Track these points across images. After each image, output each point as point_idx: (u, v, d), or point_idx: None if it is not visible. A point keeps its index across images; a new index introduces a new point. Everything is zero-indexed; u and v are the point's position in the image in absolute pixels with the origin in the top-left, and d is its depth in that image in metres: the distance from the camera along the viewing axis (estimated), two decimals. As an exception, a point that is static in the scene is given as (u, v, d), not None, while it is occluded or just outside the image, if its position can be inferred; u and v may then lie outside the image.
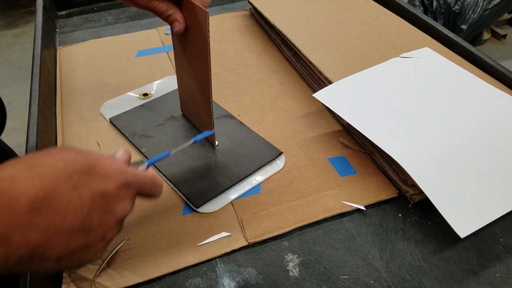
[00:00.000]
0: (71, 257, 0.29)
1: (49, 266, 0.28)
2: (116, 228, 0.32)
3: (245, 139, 0.57)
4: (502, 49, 2.25)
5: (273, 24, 0.74)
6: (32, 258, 0.26)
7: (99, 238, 0.30)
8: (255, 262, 0.44)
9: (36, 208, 0.26)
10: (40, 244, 0.26)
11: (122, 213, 0.31)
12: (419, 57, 0.64)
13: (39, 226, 0.26)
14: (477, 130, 0.52)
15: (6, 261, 0.25)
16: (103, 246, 0.31)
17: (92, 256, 0.30)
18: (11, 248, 0.25)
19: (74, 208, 0.27)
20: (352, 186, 0.51)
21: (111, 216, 0.30)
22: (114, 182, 0.31)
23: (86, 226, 0.28)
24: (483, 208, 0.45)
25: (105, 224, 0.30)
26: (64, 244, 0.27)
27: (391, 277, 0.42)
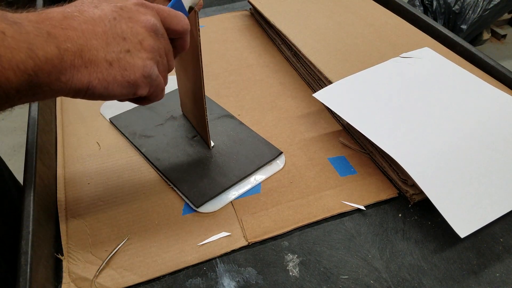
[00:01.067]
0: (119, 61, 0.32)
1: (105, 71, 0.32)
2: (152, 39, 0.34)
3: (245, 139, 0.57)
4: (502, 49, 2.25)
5: (273, 24, 0.74)
6: (82, 58, 0.30)
7: (136, 43, 0.33)
8: (255, 262, 0.44)
9: (68, 17, 0.30)
10: (82, 43, 0.30)
11: (147, 22, 0.34)
12: (419, 57, 0.64)
13: (76, 28, 0.30)
14: (477, 130, 0.52)
15: (61, 58, 0.29)
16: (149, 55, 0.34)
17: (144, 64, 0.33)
18: (58, 41, 0.29)
19: (100, 18, 0.32)
20: (352, 186, 0.51)
21: (137, 24, 0.33)
22: (131, 1, 0.35)
23: (117, 31, 0.32)
24: (483, 208, 0.45)
25: (134, 31, 0.33)
26: (103, 45, 0.31)
27: (391, 277, 0.42)
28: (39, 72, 0.28)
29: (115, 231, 0.47)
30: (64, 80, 0.30)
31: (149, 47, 0.34)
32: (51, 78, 0.29)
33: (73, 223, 0.48)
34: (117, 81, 0.33)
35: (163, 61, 0.36)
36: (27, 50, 0.27)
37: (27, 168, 0.48)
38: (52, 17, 0.30)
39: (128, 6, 0.34)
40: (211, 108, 0.62)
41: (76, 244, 0.45)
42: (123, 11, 0.33)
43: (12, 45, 0.26)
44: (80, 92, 0.32)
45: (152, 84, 0.36)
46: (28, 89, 0.29)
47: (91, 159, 0.55)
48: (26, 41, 0.27)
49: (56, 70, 0.29)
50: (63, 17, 0.30)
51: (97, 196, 0.50)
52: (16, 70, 0.27)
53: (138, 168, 0.54)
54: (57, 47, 0.29)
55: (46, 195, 0.49)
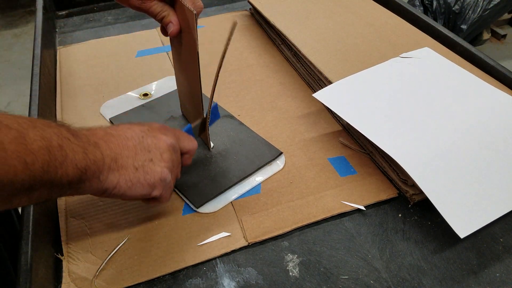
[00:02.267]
0: (144, 167, 0.41)
1: (132, 174, 0.40)
2: (169, 153, 0.43)
3: (245, 139, 0.57)
4: (502, 49, 2.25)
5: (273, 24, 0.74)
6: (116, 163, 0.39)
7: (157, 155, 0.42)
8: (255, 262, 0.44)
9: (109, 134, 0.40)
10: (117, 152, 0.39)
11: (168, 140, 0.43)
12: (419, 57, 0.64)
13: (114, 142, 0.40)
14: (477, 130, 0.52)
15: (103, 161, 0.38)
16: (166, 164, 0.42)
17: (162, 170, 0.42)
18: (102, 149, 0.38)
19: (131, 136, 0.41)
20: (352, 186, 0.51)
21: (159, 141, 0.43)
22: (155, 125, 0.45)
23: (144, 145, 0.41)
24: (483, 208, 0.45)
25: (157, 146, 0.42)
26: (132, 155, 0.40)
27: (391, 277, 0.42)
28: (87, 170, 0.36)
29: (115, 231, 0.47)
30: (101, 179, 0.38)
31: (167, 159, 0.43)
32: (94, 176, 0.37)
33: (73, 223, 0.48)
34: (140, 182, 0.41)
35: (175, 170, 0.45)
36: (83, 153, 0.36)
37: (27, 168, 0.48)
38: (97, 133, 0.40)
39: (154, 128, 0.44)
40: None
41: (76, 244, 0.45)
42: (149, 131, 0.43)
43: (74, 148, 0.35)
44: (108, 190, 0.39)
45: (165, 187, 0.43)
46: (77, 183, 0.36)
47: (91, 159, 0.55)
48: (82, 147, 0.36)
49: (98, 170, 0.37)
50: (105, 133, 0.40)
51: (97, 196, 0.50)
52: (74, 167, 0.35)
53: (138, 168, 0.54)
54: (101, 153, 0.38)
55: (46, 195, 0.49)
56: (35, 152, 0.31)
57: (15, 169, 0.30)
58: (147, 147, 0.42)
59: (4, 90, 2.04)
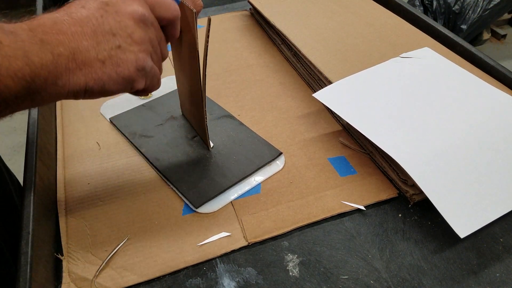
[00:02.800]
0: (112, 58, 0.32)
1: (99, 71, 0.32)
2: (141, 30, 0.34)
3: (245, 139, 0.57)
4: (502, 49, 2.25)
5: (273, 24, 0.74)
6: (75, 60, 0.31)
7: (126, 37, 0.33)
8: (255, 262, 0.44)
9: (58, 22, 0.31)
10: (73, 46, 0.31)
11: (135, 13, 0.34)
12: (419, 57, 0.64)
13: (66, 32, 0.31)
14: (477, 130, 0.52)
15: (56, 63, 0.30)
16: (140, 47, 0.34)
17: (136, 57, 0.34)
18: (51, 47, 0.30)
19: (87, 17, 0.32)
20: (352, 186, 0.51)
21: (124, 17, 0.33)
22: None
23: (105, 28, 0.32)
24: (483, 208, 0.45)
25: (123, 25, 0.33)
26: (94, 44, 0.32)
27: (391, 277, 0.42)
28: (36, 78, 0.29)
29: (115, 231, 0.47)
30: (60, 84, 0.31)
31: (140, 39, 0.34)
32: (47, 83, 0.30)
33: (73, 223, 0.48)
34: (113, 79, 0.33)
35: (156, 50, 0.36)
36: (24, 57, 0.28)
37: (27, 168, 0.48)
38: (43, 23, 0.31)
39: (114, 0, 0.34)
40: (211, 108, 0.63)
41: (76, 244, 0.45)
42: (109, 6, 0.33)
43: (9, 53, 0.28)
44: (79, 93, 0.33)
45: (147, 76, 0.36)
46: (27, 95, 0.29)
47: (91, 159, 0.55)
48: (22, 49, 0.28)
49: (52, 75, 0.30)
50: (53, 22, 0.31)
51: (97, 196, 0.50)
52: (14, 77, 0.28)
53: (138, 168, 0.54)
54: (51, 52, 0.30)
55: (46, 195, 0.49)
56: None
57: None
58: (109, 30, 0.33)
59: (4, 90, 2.04)
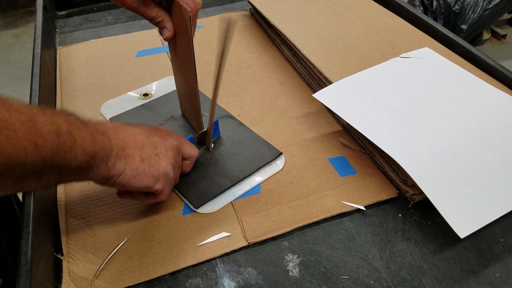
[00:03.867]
0: (150, 159, 0.42)
1: (138, 164, 0.41)
2: (173, 152, 0.45)
3: (245, 139, 0.57)
4: (502, 49, 2.25)
5: (273, 24, 0.74)
6: (124, 151, 0.41)
7: (163, 151, 0.44)
8: (255, 262, 0.44)
9: (117, 127, 0.42)
10: (126, 142, 0.41)
11: (173, 143, 0.46)
12: (419, 57, 0.64)
13: (122, 133, 0.42)
14: (477, 130, 0.52)
15: (111, 149, 0.39)
16: (171, 161, 0.45)
17: (166, 165, 0.44)
18: (110, 138, 0.40)
19: (140, 132, 0.44)
20: (352, 186, 0.51)
21: (165, 140, 0.45)
22: (162, 128, 0.48)
23: (151, 140, 0.44)
24: (483, 208, 0.44)
25: (163, 144, 0.45)
26: (139, 146, 0.42)
27: (391, 277, 0.42)
28: (96, 156, 0.37)
29: (115, 231, 0.47)
30: (109, 165, 0.39)
31: (172, 157, 0.45)
32: (102, 162, 0.38)
33: (73, 223, 0.48)
34: (145, 173, 0.42)
35: (176, 171, 0.46)
36: (91, 140, 0.37)
37: (27, 168, 0.48)
38: (106, 124, 0.41)
39: (161, 129, 0.47)
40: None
41: (76, 244, 0.45)
42: (156, 131, 0.46)
43: (83, 135, 0.36)
44: (114, 177, 0.40)
45: (166, 182, 0.45)
46: (85, 168, 0.37)
47: (91, 159, 0.55)
48: (91, 134, 0.37)
49: (106, 156, 0.39)
50: (113, 126, 0.42)
51: (97, 196, 0.50)
52: (83, 152, 0.36)
53: (138, 168, 0.54)
54: (109, 141, 0.40)
55: (46, 195, 0.49)
56: (44, 136, 0.32)
57: (26, 151, 0.30)
58: (153, 143, 0.44)
59: (4, 90, 2.04)
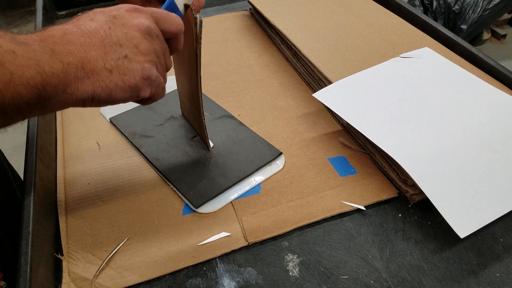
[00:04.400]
0: (119, 67, 0.34)
1: (107, 79, 0.34)
2: (147, 41, 0.36)
3: (245, 139, 0.57)
4: (502, 49, 2.25)
5: (273, 24, 0.74)
6: (84, 69, 0.33)
7: (132, 48, 0.35)
8: (255, 262, 0.44)
9: (67, 33, 0.33)
10: (82, 56, 0.33)
11: (141, 25, 0.36)
12: (419, 57, 0.64)
13: (75, 43, 0.33)
14: (477, 130, 0.52)
15: (66, 72, 0.32)
16: (146, 58, 0.36)
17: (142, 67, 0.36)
18: (61, 56, 0.32)
19: (95, 29, 0.34)
20: (352, 186, 0.51)
21: (131, 29, 0.35)
22: (123, 8, 0.37)
23: (112, 39, 0.34)
24: (483, 208, 0.45)
25: (129, 36, 0.35)
26: (102, 54, 0.34)
27: (391, 277, 0.42)
28: (47, 86, 0.31)
29: (115, 231, 0.47)
30: (70, 92, 0.32)
31: (145, 49, 0.36)
32: (58, 91, 0.32)
33: (73, 223, 0.48)
34: (119, 87, 0.35)
35: (160, 61, 0.38)
36: (35, 66, 0.30)
37: (27, 168, 0.48)
38: (53, 34, 0.33)
39: (121, 13, 0.36)
40: (211, 108, 0.62)
41: (76, 244, 0.45)
42: (116, 19, 0.35)
43: (22, 63, 0.29)
44: (87, 101, 0.34)
45: (152, 85, 0.38)
46: (38, 103, 0.31)
47: (91, 159, 0.55)
48: (34, 59, 0.30)
49: (62, 83, 0.32)
50: (63, 33, 0.33)
51: (97, 196, 0.50)
52: (27, 85, 0.29)
53: (138, 168, 0.54)
54: (61, 62, 0.31)
55: (46, 195, 0.49)
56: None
57: None
58: (117, 41, 0.35)
59: (4, 90, 2.04)
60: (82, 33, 0.34)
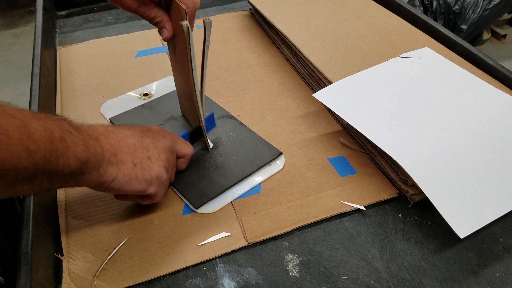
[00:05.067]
0: (142, 164, 0.43)
1: (130, 169, 0.42)
2: (166, 153, 0.45)
3: (245, 139, 0.57)
4: (502, 49, 2.25)
5: (273, 24, 0.74)
6: (116, 157, 0.41)
7: (155, 154, 0.44)
8: (255, 262, 0.44)
9: (109, 131, 0.42)
10: (117, 148, 0.41)
11: (166, 143, 0.46)
12: (419, 57, 0.64)
13: (114, 138, 0.41)
14: (477, 130, 0.52)
15: (103, 155, 0.39)
16: (163, 164, 0.44)
17: (159, 169, 0.44)
18: (102, 144, 0.40)
19: (131, 134, 0.43)
20: (352, 186, 0.51)
21: (158, 141, 0.45)
22: (154, 127, 0.48)
23: (143, 144, 0.43)
24: (483, 208, 0.44)
25: (155, 146, 0.44)
26: (131, 151, 0.42)
27: (391, 277, 0.42)
28: (88, 162, 0.38)
29: (115, 231, 0.47)
30: (101, 172, 0.39)
31: (165, 159, 0.45)
32: (94, 168, 0.39)
33: (73, 223, 0.48)
34: (137, 178, 0.42)
35: (170, 171, 0.46)
36: (84, 146, 0.37)
37: (27, 168, 0.48)
38: (98, 129, 0.41)
39: (153, 130, 0.46)
40: (211, 108, 0.62)
41: (76, 244, 0.45)
42: (148, 132, 0.45)
43: (75, 141, 0.36)
44: (106, 183, 0.40)
45: (160, 185, 0.45)
46: (77, 174, 0.37)
47: (91, 159, 0.55)
48: (84, 140, 0.38)
49: (98, 163, 0.39)
50: (105, 130, 0.42)
51: (97, 196, 0.50)
52: (75, 159, 0.36)
53: (138, 168, 0.54)
54: (101, 147, 0.40)
55: (46, 195, 0.49)
56: (37, 141, 0.32)
57: (19, 155, 0.31)
58: (146, 146, 0.44)
59: (4, 90, 2.04)
60: (120, 134, 0.42)
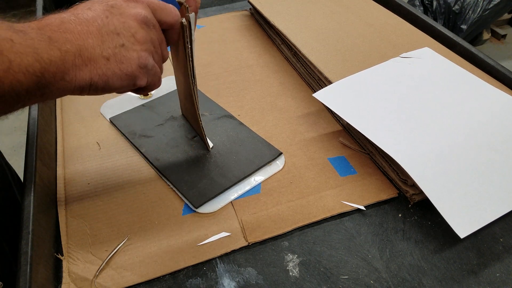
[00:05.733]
0: (116, 55, 0.35)
1: (104, 67, 0.34)
2: (144, 31, 0.37)
3: (245, 139, 0.57)
4: (502, 49, 2.25)
5: (273, 24, 0.74)
6: (81, 57, 0.33)
7: (129, 37, 0.35)
8: (255, 262, 0.44)
9: (65, 21, 0.33)
10: (80, 43, 0.33)
11: (138, 15, 0.36)
12: (419, 57, 0.64)
13: (73, 31, 0.33)
14: (477, 130, 0.52)
15: (64, 60, 0.32)
16: (143, 47, 0.36)
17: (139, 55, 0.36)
18: (59, 44, 0.32)
19: (93, 18, 0.34)
20: (352, 186, 0.51)
21: (128, 18, 0.36)
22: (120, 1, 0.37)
23: (110, 28, 0.35)
24: (483, 208, 0.45)
25: (126, 25, 0.36)
26: (99, 42, 0.34)
27: (391, 277, 0.42)
28: (45, 73, 0.31)
29: (115, 231, 0.47)
30: (68, 79, 0.33)
31: (142, 38, 0.36)
32: (56, 78, 0.32)
33: (73, 223, 0.48)
34: (116, 75, 0.35)
35: (157, 50, 0.39)
36: (34, 54, 0.30)
37: (27, 168, 0.48)
38: (51, 23, 0.33)
39: (119, 3, 0.36)
40: (211, 108, 0.63)
41: (76, 244, 0.45)
42: (113, 8, 0.36)
43: (20, 50, 0.29)
44: (84, 88, 0.34)
45: (149, 74, 0.38)
46: (37, 90, 0.31)
47: (91, 159, 0.55)
48: (32, 46, 0.30)
49: (60, 70, 0.32)
50: (60, 22, 0.33)
51: (97, 196, 0.50)
52: (26, 73, 0.30)
53: (138, 168, 0.54)
54: (58, 49, 0.32)
55: (46, 195, 0.49)
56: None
57: None
58: (114, 30, 0.35)
59: (4, 90, 2.04)
60: (79, 22, 0.34)
